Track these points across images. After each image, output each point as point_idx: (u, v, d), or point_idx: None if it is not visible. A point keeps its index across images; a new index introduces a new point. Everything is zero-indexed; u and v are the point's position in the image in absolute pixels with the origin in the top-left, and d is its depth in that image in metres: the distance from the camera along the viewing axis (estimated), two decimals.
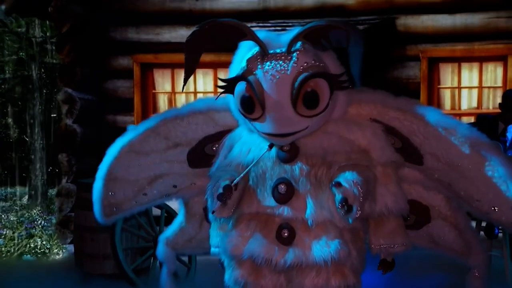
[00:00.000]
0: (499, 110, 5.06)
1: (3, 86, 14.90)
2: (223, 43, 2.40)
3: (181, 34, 6.66)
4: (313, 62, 2.24)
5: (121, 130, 6.54)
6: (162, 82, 7.11)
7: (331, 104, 2.30)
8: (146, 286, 4.50)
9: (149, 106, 7.03)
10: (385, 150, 2.46)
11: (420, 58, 6.21)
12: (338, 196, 2.16)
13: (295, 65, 2.22)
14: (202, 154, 2.69)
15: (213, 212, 2.32)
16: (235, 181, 2.27)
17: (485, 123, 4.77)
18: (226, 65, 7.33)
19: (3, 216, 10.45)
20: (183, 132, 2.66)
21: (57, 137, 6.74)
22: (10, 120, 17.52)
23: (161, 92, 7.12)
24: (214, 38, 2.37)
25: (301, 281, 2.30)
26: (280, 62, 2.24)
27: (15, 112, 17.26)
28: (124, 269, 4.44)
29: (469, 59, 6.60)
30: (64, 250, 6.75)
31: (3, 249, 7.74)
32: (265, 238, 2.30)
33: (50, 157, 13.46)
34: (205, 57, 7.39)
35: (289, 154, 2.32)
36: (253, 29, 2.38)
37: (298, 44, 2.27)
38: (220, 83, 2.42)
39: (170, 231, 2.89)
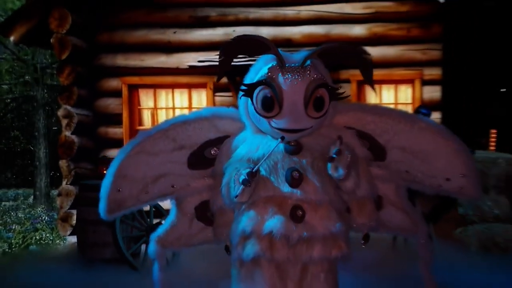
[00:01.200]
0: None
1: (12, 104, 14.82)
2: (249, 53, 2.44)
3: (161, 60, 6.86)
4: (320, 75, 2.33)
5: (112, 140, 6.73)
6: (146, 99, 7.13)
7: (328, 110, 2.41)
8: (141, 267, 4.51)
9: (135, 120, 7.05)
10: (362, 148, 2.54)
11: (350, 81, 6.45)
12: (334, 150, 2.23)
13: (308, 76, 2.29)
14: (201, 157, 2.63)
15: (236, 197, 2.28)
16: (255, 169, 2.23)
17: None
18: (198, 86, 7.41)
19: (12, 213, 10.48)
20: (188, 136, 2.60)
21: (58, 146, 6.65)
22: (18, 133, 17.57)
23: (145, 108, 7.15)
24: (244, 49, 2.40)
25: (309, 253, 2.30)
26: (297, 73, 2.30)
27: (22, 126, 17.28)
28: (124, 254, 4.47)
29: (387, 81, 6.83)
30: (64, 241, 6.82)
31: (12, 241, 7.84)
32: (282, 216, 2.29)
33: (52, 163, 13.21)
34: (182, 79, 7.48)
35: (296, 148, 2.37)
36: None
37: (308, 61, 2.32)
38: (243, 87, 2.39)
39: (161, 230, 2.73)
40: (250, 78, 2.41)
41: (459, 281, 4.04)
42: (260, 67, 2.38)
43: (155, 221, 4.90)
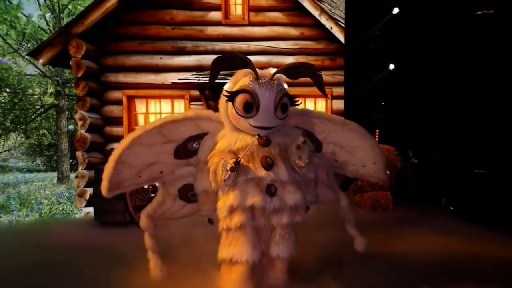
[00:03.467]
0: None
1: (41, 110, 14.59)
2: (232, 67, 2.30)
3: (151, 78, 6.89)
4: (284, 87, 2.32)
5: (115, 137, 7.05)
6: (140, 107, 7.17)
7: (288, 114, 2.37)
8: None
9: (132, 122, 7.08)
10: (309, 143, 2.44)
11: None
12: (300, 141, 2.25)
13: (277, 87, 2.26)
14: (185, 149, 2.49)
15: (224, 181, 2.18)
16: (239, 159, 2.18)
17: None
18: (178, 97, 7.60)
19: (41, 191, 10.64)
20: (177, 132, 2.46)
21: (75, 141, 6.67)
22: (45, 131, 17.55)
23: (140, 113, 7.16)
24: (228, 63, 2.29)
25: (279, 220, 2.26)
26: (268, 84, 2.24)
27: (49, 126, 17.16)
28: (134, 218, 4.41)
29: (310, 96, 6.95)
30: (80, 211, 6.95)
31: (42, 211, 8.07)
32: (260, 193, 2.22)
33: (71, 153, 13.31)
34: (166, 92, 7.68)
35: (267, 141, 2.31)
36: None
37: (276, 75, 2.31)
38: (225, 93, 2.31)
39: (149, 207, 2.58)
40: (230, 87, 2.34)
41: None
42: (238, 79, 2.33)
43: (152, 195, 4.66)
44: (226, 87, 2.35)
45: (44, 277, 2.73)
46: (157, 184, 2.79)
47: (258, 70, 2.30)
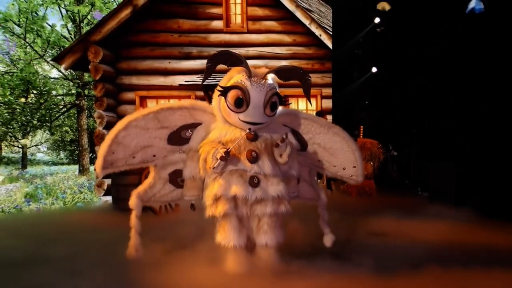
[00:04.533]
0: None
1: (64, 109, 14.58)
2: (227, 63, 2.21)
3: (161, 80, 6.83)
4: (274, 87, 2.24)
5: None
6: (151, 106, 7.10)
7: (277, 112, 2.30)
8: (158, 212, 4.19)
9: None
10: (294, 141, 2.45)
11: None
12: (279, 140, 2.17)
13: (267, 86, 2.19)
14: (178, 136, 2.38)
15: (213, 168, 2.09)
16: (229, 149, 2.11)
17: None
18: (185, 97, 7.44)
19: (65, 182, 10.47)
20: (172, 119, 2.35)
21: (94, 137, 6.59)
22: (68, 128, 17.49)
23: None
24: (223, 60, 2.20)
25: (263, 209, 2.19)
26: (260, 83, 2.17)
27: (71, 124, 17.12)
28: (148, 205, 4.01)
29: (302, 96, 5.93)
30: (99, 200, 6.78)
31: (66, 200, 7.91)
32: (243, 184, 2.15)
33: (90, 148, 13.28)
34: (174, 93, 7.55)
35: (254, 136, 2.23)
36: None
37: (268, 75, 2.25)
38: (219, 88, 2.21)
39: (141, 188, 2.47)
40: (224, 83, 2.26)
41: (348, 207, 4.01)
42: (232, 75, 2.25)
43: None
44: (220, 83, 2.28)
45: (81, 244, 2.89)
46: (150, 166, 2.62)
47: (251, 69, 2.23)
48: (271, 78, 2.27)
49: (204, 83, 6.71)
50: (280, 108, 2.32)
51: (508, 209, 3.81)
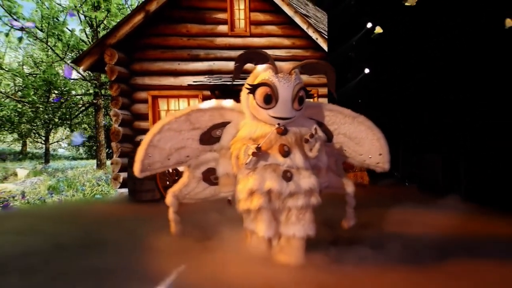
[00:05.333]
0: None
1: (82, 108, 14.62)
2: (254, 62, 2.15)
3: (171, 81, 6.80)
4: (301, 81, 2.17)
5: (142, 130, 6.97)
6: (162, 105, 7.04)
7: (304, 106, 2.21)
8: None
9: (156, 117, 6.94)
10: (322, 133, 2.32)
11: None
12: (309, 135, 2.07)
13: (294, 81, 2.11)
14: (209, 136, 2.33)
15: (246, 164, 2.03)
16: (260, 145, 2.03)
17: None
18: (193, 96, 7.43)
19: (84, 175, 10.50)
20: (203, 120, 2.31)
21: (110, 133, 6.55)
22: (86, 125, 17.47)
23: (162, 110, 7.02)
24: (250, 59, 2.14)
25: (295, 202, 2.09)
26: (287, 79, 2.08)
27: (89, 121, 17.12)
28: (162, 195, 4.25)
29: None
30: (115, 192, 6.73)
31: (85, 192, 7.93)
32: (276, 178, 2.06)
33: (107, 143, 13.30)
34: (183, 92, 7.53)
35: (284, 131, 2.14)
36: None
37: (293, 71, 2.15)
38: (248, 86, 2.13)
39: (176, 187, 2.43)
40: (251, 80, 2.17)
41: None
42: (259, 73, 2.16)
43: (176, 177, 4.62)
44: (247, 81, 2.19)
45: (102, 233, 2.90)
46: (179, 168, 2.59)
47: (277, 65, 2.14)
48: (297, 72, 2.19)
49: (212, 83, 6.87)
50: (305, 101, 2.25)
51: (507, 200, 3.59)
